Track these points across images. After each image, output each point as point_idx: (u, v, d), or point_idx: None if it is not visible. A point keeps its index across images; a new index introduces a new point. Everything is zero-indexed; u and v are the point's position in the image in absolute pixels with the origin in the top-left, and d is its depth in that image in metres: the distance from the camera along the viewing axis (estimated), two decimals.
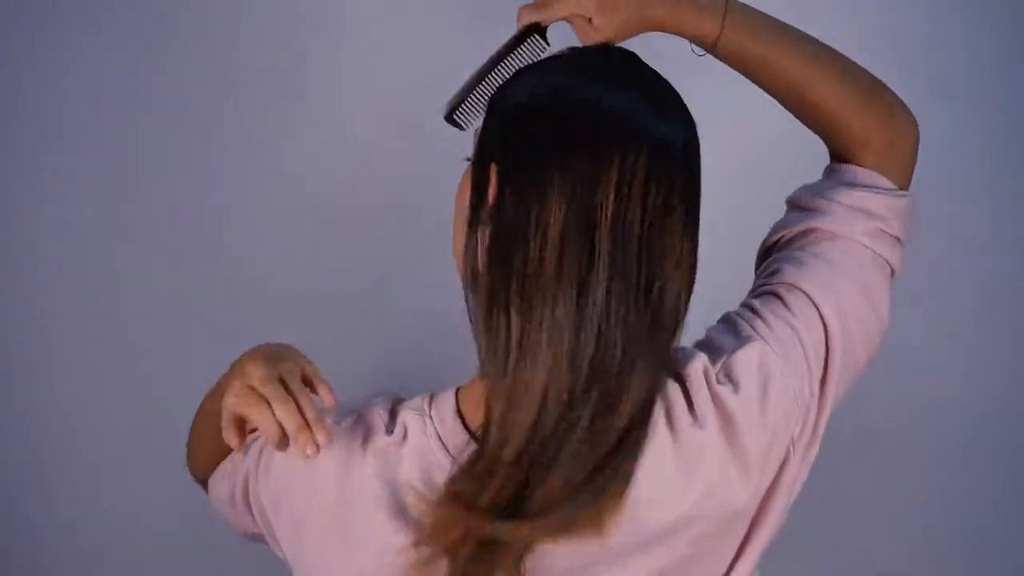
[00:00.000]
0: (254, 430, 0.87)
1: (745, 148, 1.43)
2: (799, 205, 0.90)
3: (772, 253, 0.91)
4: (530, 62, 0.84)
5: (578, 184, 0.74)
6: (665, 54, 0.85)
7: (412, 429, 0.81)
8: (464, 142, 0.85)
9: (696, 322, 0.81)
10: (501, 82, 0.83)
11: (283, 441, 0.79)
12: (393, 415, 0.83)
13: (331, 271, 1.49)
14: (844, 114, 0.87)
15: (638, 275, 0.75)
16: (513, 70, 0.83)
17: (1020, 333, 1.59)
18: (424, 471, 0.79)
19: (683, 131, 0.79)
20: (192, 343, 1.49)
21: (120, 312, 1.49)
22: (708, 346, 0.84)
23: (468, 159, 0.84)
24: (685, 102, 0.81)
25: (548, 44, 0.85)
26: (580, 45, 0.85)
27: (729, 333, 0.84)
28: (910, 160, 0.90)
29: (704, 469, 0.78)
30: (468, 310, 0.80)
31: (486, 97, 0.82)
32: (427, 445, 0.80)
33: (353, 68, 1.48)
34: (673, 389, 0.79)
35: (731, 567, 0.83)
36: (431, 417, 0.81)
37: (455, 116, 0.84)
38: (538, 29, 0.85)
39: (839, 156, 0.90)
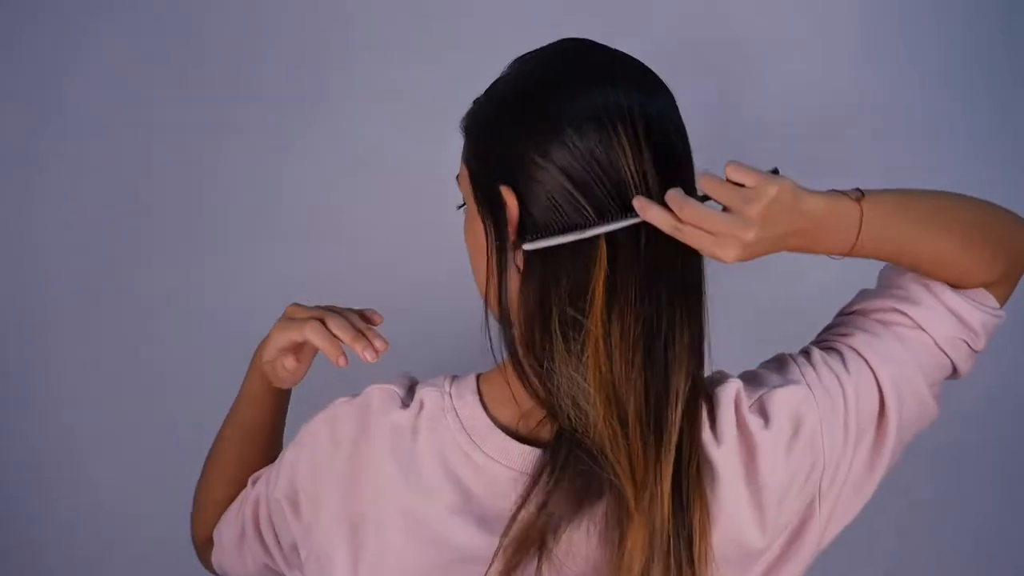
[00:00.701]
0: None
1: (750, 154, 1.43)
2: (894, 285, 0.88)
3: (849, 317, 0.89)
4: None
5: (598, 165, 0.75)
6: (661, 51, 0.85)
7: (429, 404, 0.81)
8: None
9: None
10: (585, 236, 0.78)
11: (341, 355, 0.83)
12: (411, 391, 0.84)
13: (334, 274, 1.48)
14: (968, 272, 0.84)
15: (672, 244, 0.76)
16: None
17: (1016, 332, 1.59)
18: (439, 447, 0.79)
19: (667, 98, 0.80)
20: (193, 344, 1.49)
21: (120, 312, 1.49)
22: (753, 378, 0.84)
23: (460, 206, 0.85)
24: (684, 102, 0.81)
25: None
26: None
27: (777, 372, 0.84)
28: (1016, 283, 0.89)
29: (714, 487, 0.78)
30: (508, 335, 0.80)
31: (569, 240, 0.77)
32: (443, 421, 0.80)
33: (362, 67, 1.48)
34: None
35: None
36: (450, 395, 0.82)
37: (529, 242, 0.78)
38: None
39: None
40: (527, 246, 0.77)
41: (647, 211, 0.74)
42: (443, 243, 0.95)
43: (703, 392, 0.80)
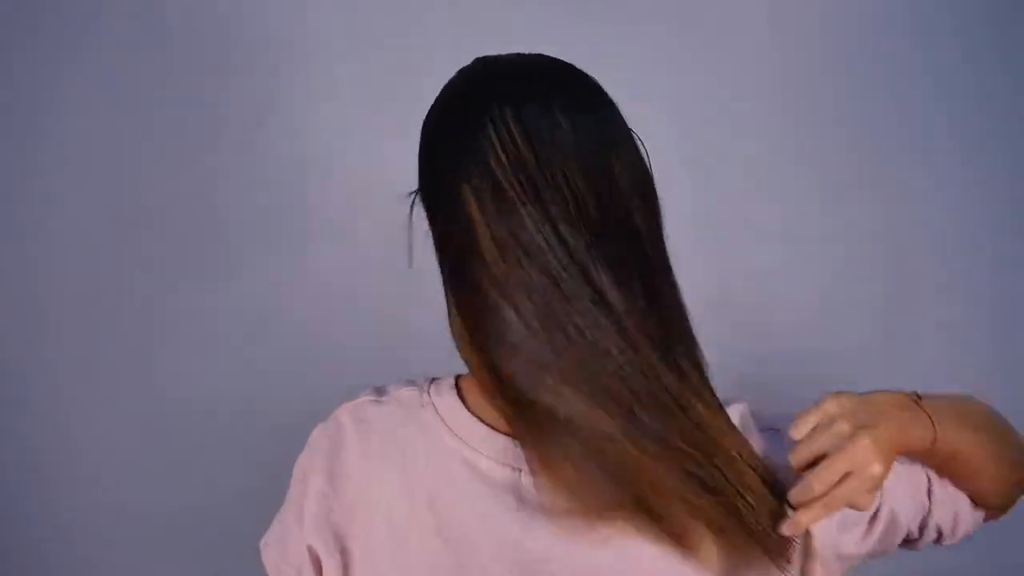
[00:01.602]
0: None
1: (737, 150, 1.43)
2: None
3: None
4: None
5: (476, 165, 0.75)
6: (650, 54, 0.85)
7: (406, 400, 0.81)
8: None
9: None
10: None
11: None
12: (381, 393, 0.82)
13: (334, 277, 1.49)
14: (1000, 494, 0.87)
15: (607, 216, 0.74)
16: None
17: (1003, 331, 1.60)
18: (424, 443, 0.78)
19: (550, 93, 0.77)
20: (193, 343, 1.49)
21: (121, 312, 1.49)
22: (771, 418, 0.83)
23: None
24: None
25: None
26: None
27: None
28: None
29: None
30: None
31: None
32: (422, 415, 0.79)
33: (364, 65, 1.48)
34: None
35: None
36: (428, 392, 0.81)
37: None
38: None
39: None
40: None
41: (800, 525, 0.73)
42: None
43: None
